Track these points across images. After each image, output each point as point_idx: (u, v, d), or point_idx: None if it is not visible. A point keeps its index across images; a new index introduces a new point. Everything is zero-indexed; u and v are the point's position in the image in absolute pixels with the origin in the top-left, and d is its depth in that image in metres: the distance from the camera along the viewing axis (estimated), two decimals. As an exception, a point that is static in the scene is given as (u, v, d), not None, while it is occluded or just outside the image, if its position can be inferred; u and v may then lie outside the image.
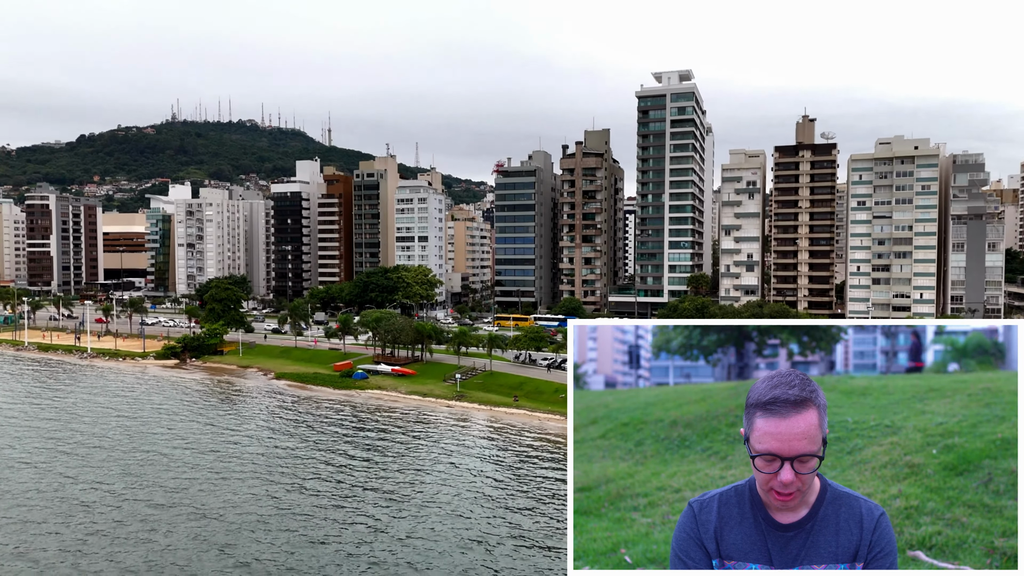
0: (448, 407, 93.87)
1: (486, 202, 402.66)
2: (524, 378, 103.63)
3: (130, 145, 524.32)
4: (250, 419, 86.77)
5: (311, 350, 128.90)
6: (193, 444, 74.54)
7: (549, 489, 60.50)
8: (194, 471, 65.26)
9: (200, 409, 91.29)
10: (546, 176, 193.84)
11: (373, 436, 78.71)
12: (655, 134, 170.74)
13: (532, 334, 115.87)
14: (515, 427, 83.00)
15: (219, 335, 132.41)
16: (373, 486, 61.66)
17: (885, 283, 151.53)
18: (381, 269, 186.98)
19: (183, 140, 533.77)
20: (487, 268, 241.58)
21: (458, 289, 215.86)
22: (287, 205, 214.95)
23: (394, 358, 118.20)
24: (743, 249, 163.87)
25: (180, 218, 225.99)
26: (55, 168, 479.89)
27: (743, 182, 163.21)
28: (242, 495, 59.31)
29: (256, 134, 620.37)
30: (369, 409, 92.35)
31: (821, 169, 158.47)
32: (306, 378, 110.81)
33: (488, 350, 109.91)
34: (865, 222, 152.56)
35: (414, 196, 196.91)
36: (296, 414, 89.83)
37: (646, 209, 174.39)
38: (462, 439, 77.64)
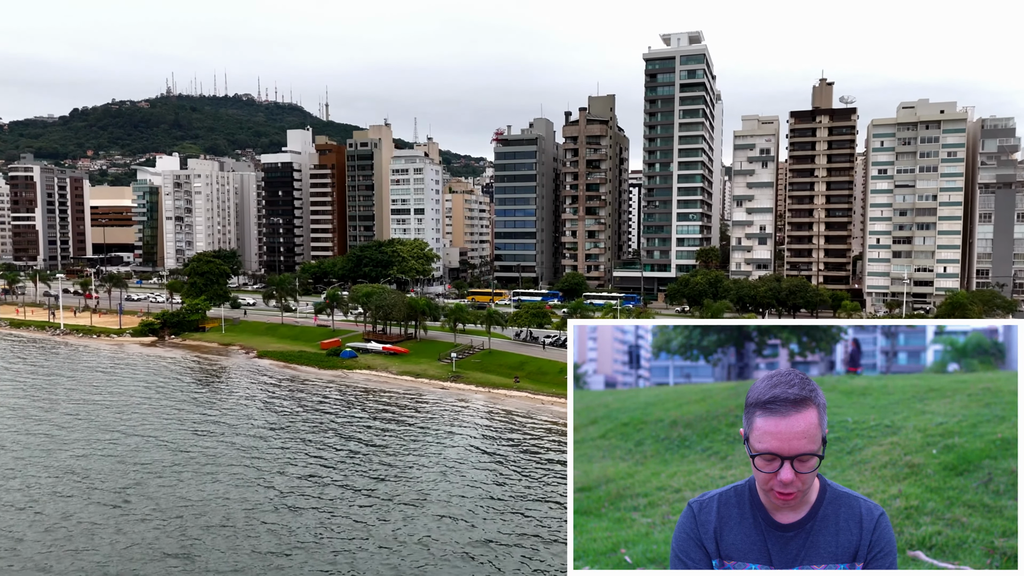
0: (443, 388, 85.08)
1: (485, 177, 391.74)
2: (525, 357, 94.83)
3: (124, 119, 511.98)
4: (223, 403, 78.00)
5: (298, 327, 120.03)
6: (156, 431, 65.77)
7: (555, 487, 51.79)
8: (151, 466, 56.52)
9: (170, 391, 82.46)
10: (548, 145, 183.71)
11: (357, 423, 69.90)
12: (663, 99, 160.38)
13: (534, 310, 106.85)
14: (516, 412, 74.20)
15: (201, 311, 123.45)
16: (355, 484, 52.93)
17: (906, 256, 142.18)
18: (375, 243, 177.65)
19: (178, 114, 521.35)
20: (486, 243, 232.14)
21: (456, 264, 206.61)
22: (278, 176, 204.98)
23: (386, 336, 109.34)
24: (755, 221, 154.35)
25: (168, 190, 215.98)
26: (48, 142, 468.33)
27: (756, 150, 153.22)
28: (206, 493, 50.67)
29: (252, 109, 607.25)
30: (355, 391, 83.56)
31: (840, 136, 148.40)
32: (290, 357, 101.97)
33: (486, 327, 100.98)
34: (886, 191, 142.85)
35: (409, 166, 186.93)
36: (275, 397, 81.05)
37: (653, 179, 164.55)
38: (457, 427, 68.87)
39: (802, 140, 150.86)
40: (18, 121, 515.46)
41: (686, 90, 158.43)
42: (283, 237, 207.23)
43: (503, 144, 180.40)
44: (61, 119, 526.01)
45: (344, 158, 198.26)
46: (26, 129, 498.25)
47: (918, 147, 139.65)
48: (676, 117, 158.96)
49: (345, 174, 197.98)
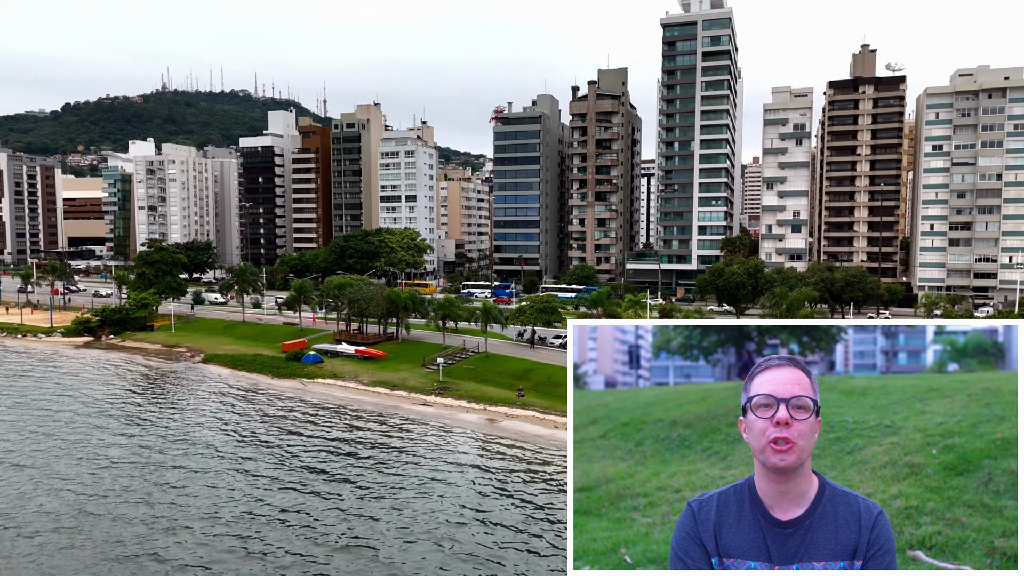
0: (424, 405, 64.37)
1: (485, 172, 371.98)
2: (530, 363, 74.18)
3: (116, 114, 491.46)
4: (130, 424, 57.32)
5: (261, 325, 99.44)
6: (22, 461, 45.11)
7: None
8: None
9: (70, 406, 61.75)
10: (553, 125, 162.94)
11: (294, 464, 49.19)
12: (683, 70, 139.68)
13: (540, 305, 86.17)
14: (523, 442, 53.42)
15: (148, 306, 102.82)
16: (271, 568, 32.33)
17: (965, 244, 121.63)
18: (361, 232, 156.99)
19: (171, 109, 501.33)
20: (485, 236, 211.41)
21: (452, 258, 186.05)
22: (258, 162, 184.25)
23: (362, 336, 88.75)
24: (788, 206, 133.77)
25: (140, 178, 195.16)
26: (37, 137, 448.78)
27: (789, 125, 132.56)
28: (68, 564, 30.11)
29: (249, 104, 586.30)
30: (307, 410, 62.82)
31: (886, 108, 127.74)
32: (242, 362, 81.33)
33: (482, 325, 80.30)
34: (941, 170, 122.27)
35: (400, 149, 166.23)
36: (202, 416, 60.36)
37: (671, 160, 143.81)
38: (439, 467, 48.07)
39: (842, 113, 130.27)
40: (8, 116, 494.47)
41: (709, 59, 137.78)
42: (264, 228, 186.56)
43: (503, 123, 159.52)
44: (52, 114, 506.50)
45: (329, 141, 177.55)
46: (16, 124, 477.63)
47: (979, 119, 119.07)
48: (698, 90, 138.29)
49: (330, 159, 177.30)
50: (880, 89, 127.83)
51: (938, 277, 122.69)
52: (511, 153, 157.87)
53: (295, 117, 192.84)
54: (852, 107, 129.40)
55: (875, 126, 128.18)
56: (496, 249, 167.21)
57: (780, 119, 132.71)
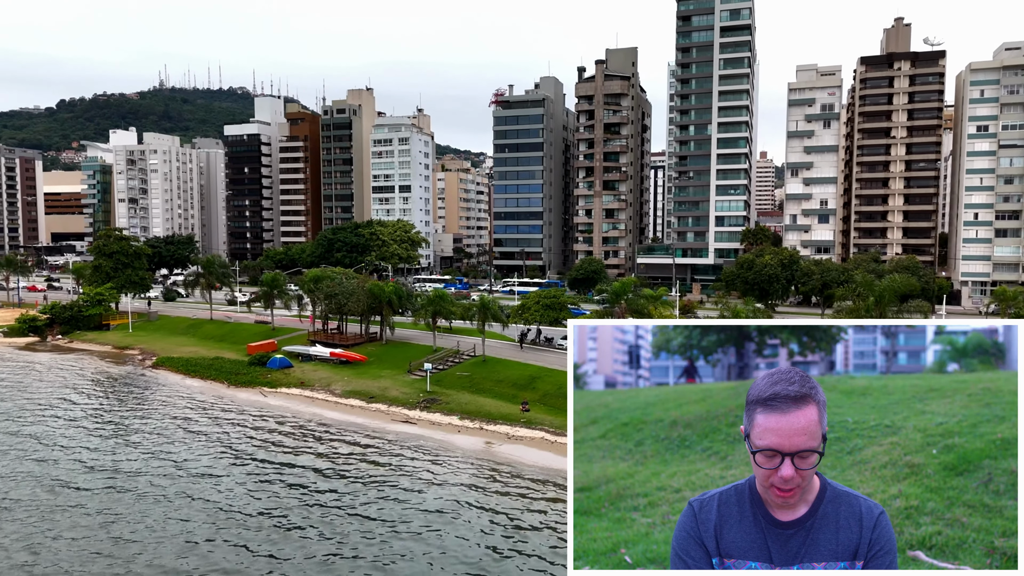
0: (407, 423, 51.46)
1: (485, 168, 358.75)
2: (536, 369, 61.28)
3: (111, 111, 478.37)
4: (36, 445, 44.43)
5: (230, 324, 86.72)
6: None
7: None
8: None
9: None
10: (557, 110, 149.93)
11: (228, 516, 36.26)
12: (699, 47, 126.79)
13: (547, 301, 73.22)
14: (531, 479, 40.46)
15: (104, 302, 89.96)
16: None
17: (1013, 235, 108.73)
18: (351, 224, 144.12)
19: (168, 106, 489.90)
20: (485, 231, 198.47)
21: (449, 252, 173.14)
22: (243, 151, 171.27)
23: (342, 336, 75.90)
24: (815, 194, 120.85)
25: (120, 168, 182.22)
26: (31, 133, 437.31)
27: (816, 106, 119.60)
28: None
29: (247, 102, 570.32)
30: (259, 430, 49.87)
31: (924, 86, 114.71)
32: (197, 367, 68.42)
33: (479, 324, 67.30)
34: (987, 154, 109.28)
35: (393, 136, 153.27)
36: (132, 435, 47.44)
37: (686, 145, 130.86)
38: (415, 527, 35.06)
39: (875, 92, 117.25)
40: (3, 113, 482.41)
41: (728, 35, 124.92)
42: (250, 221, 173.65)
43: (504, 107, 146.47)
44: (47, 110, 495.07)
45: (319, 128, 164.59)
46: (10, 120, 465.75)
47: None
48: (715, 68, 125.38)
49: (320, 147, 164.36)
50: (917, 65, 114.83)
51: (983, 271, 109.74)
52: (512, 139, 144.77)
53: (283, 104, 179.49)
54: (886, 85, 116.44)
55: (911, 106, 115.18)
56: (496, 243, 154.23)
57: (806, 99, 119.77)
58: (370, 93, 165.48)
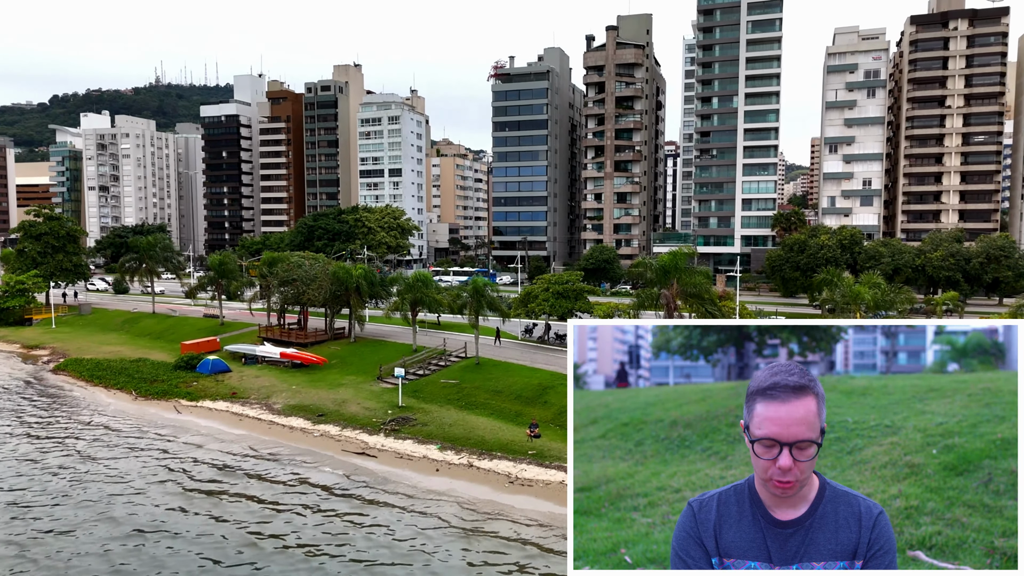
0: (363, 454, 35.24)
1: (485, 164, 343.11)
2: (547, 375, 44.93)
3: (105, 106, 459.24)
4: None
5: (173, 318, 70.67)
6: None
7: None
8: None
9: None
10: (563, 84, 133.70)
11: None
12: (723, 8, 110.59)
13: (558, 288, 56.98)
14: (555, 568, 24.31)
15: (27, 292, 73.90)
16: None
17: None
18: (334, 210, 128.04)
19: (163, 101, 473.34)
20: (483, 221, 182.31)
21: (445, 243, 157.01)
22: (221, 134, 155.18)
23: (301, 333, 59.65)
24: (856, 172, 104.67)
25: (91, 154, 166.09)
26: (23, 129, 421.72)
27: (859, 72, 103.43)
28: None
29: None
30: (147, 466, 33.60)
31: (984, 47, 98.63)
32: (105, 372, 52.17)
33: (472, 317, 50.80)
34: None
35: (383, 114, 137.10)
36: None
37: (708, 120, 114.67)
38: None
39: (927, 56, 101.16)
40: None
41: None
42: (229, 209, 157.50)
43: (504, 80, 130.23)
44: (40, 106, 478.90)
45: (302, 108, 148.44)
46: (1, 116, 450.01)
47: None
48: (743, 32, 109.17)
49: (303, 128, 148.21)
50: (976, 24, 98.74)
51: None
52: (513, 116, 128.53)
53: (266, 84, 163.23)
54: (940, 47, 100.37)
55: (969, 71, 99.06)
56: (495, 231, 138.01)
57: (847, 65, 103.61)
58: (358, 70, 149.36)
